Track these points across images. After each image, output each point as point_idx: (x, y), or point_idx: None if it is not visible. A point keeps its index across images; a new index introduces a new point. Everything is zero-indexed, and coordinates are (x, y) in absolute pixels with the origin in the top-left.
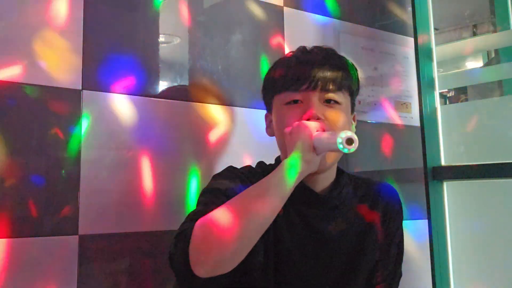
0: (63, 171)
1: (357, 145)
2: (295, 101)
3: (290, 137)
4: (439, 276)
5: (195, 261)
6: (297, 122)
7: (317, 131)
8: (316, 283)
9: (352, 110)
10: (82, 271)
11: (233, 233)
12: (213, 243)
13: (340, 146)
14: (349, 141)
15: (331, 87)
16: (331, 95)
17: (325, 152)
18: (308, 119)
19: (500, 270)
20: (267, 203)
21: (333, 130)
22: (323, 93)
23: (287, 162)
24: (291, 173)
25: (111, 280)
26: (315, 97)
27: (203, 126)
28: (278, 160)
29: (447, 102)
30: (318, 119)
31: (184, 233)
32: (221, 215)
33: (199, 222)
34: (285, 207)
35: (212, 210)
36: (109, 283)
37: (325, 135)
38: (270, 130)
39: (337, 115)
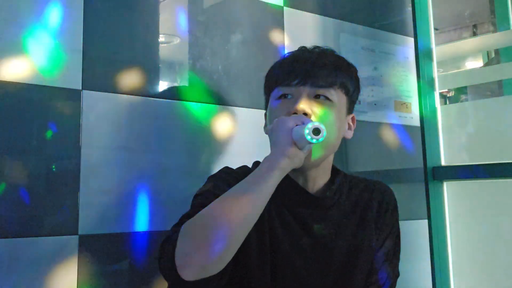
0: (63, 171)
1: (324, 134)
2: (286, 96)
3: (271, 133)
4: (439, 276)
5: (181, 265)
6: (277, 118)
7: (296, 125)
8: (314, 284)
9: (350, 111)
10: (82, 271)
11: (216, 233)
12: (196, 244)
13: (308, 137)
14: (316, 131)
15: (321, 83)
16: (321, 91)
17: (305, 145)
18: (294, 114)
19: (500, 270)
20: (249, 201)
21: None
22: (313, 89)
23: (267, 158)
24: (272, 169)
25: (111, 280)
26: (304, 92)
27: (203, 126)
28: None
29: (447, 102)
30: (305, 114)
31: (170, 237)
32: (204, 216)
33: (184, 225)
34: (279, 207)
35: None
36: (109, 283)
37: (300, 127)
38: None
39: (326, 111)
